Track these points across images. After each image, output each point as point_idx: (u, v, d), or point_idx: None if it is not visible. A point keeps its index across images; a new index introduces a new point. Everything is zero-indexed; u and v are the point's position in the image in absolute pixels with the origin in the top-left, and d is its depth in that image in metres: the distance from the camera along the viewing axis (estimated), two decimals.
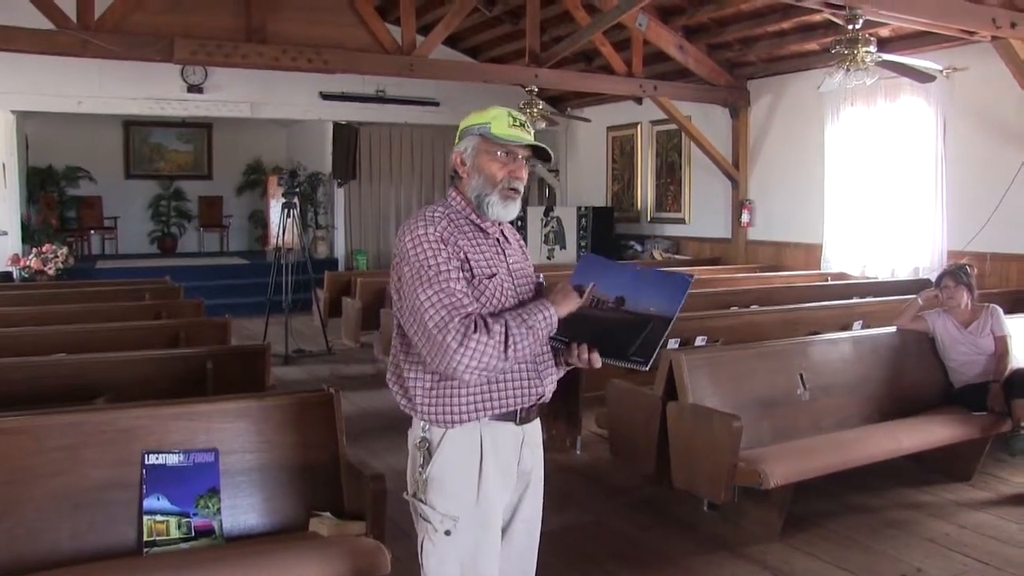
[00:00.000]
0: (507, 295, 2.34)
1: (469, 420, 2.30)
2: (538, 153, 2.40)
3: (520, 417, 2.38)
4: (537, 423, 2.48)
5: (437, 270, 2.21)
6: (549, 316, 2.27)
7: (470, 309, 2.20)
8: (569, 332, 2.34)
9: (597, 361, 2.34)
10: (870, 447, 4.55)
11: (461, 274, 2.25)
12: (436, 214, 2.32)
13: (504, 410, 2.34)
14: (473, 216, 2.38)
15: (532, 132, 2.39)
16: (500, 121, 2.34)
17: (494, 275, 2.32)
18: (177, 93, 11.91)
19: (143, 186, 16.18)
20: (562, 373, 2.52)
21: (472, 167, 2.37)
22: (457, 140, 2.41)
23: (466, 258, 2.28)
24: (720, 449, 4.16)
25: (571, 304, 2.30)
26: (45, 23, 7.53)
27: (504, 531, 2.43)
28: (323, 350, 9.37)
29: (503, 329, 2.19)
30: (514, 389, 2.33)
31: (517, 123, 2.35)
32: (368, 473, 3.30)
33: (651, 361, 2.29)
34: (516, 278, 2.41)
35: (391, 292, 2.37)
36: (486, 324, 2.18)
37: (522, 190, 2.39)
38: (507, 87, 11.35)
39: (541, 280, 2.50)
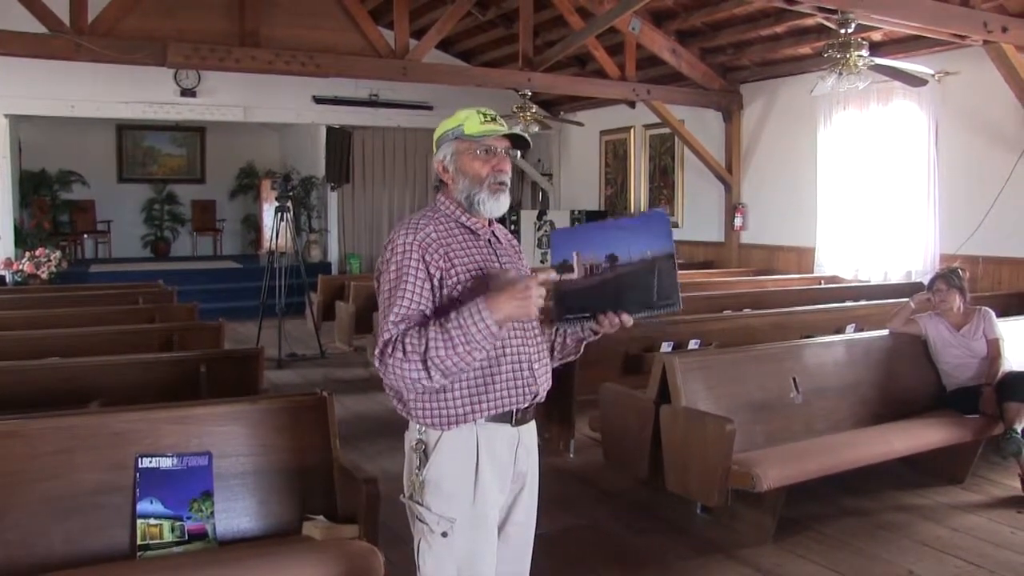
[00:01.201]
0: None
1: (464, 421, 2.30)
2: (517, 143, 2.41)
3: (516, 418, 2.39)
4: (532, 425, 2.48)
5: (401, 283, 2.23)
6: (482, 325, 2.11)
7: (406, 325, 2.19)
8: (584, 306, 2.29)
9: (629, 320, 2.28)
10: (863, 450, 4.56)
11: (429, 285, 2.25)
12: (422, 221, 2.33)
13: (498, 411, 2.34)
14: (463, 218, 2.38)
15: (504, 124, 2.40)
16: (471, 120, 2.35)
17: (483, 276, 2.32)
18: (170, 97, 11.91)
19: (136, 190, 16.17)
20: (571, 357, 2.54)
21: (456, 171, 2.38)
22: (435, 150, 2.43)
23: (451, 263, 2.29)
24: (713, 452, 4.17)
25: (517, 310, 2.13)
26: (38, 27, 7.52)
27: (499, 533, 2.43)
28: (316, 354, 9.37)
29: (421, 345, 2.14)
30: (507, 389, 2.33)
31: (488, 118, 2.36)
32: (361, 476, 3.31)
33: (679, 298, 2.24)
34: None
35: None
36: (403, 341, 2.16)
37: (508, 182, 2.40)
38: (500, 91, 11.35)
39: None
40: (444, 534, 2.31)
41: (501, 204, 2.39)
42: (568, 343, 2.54)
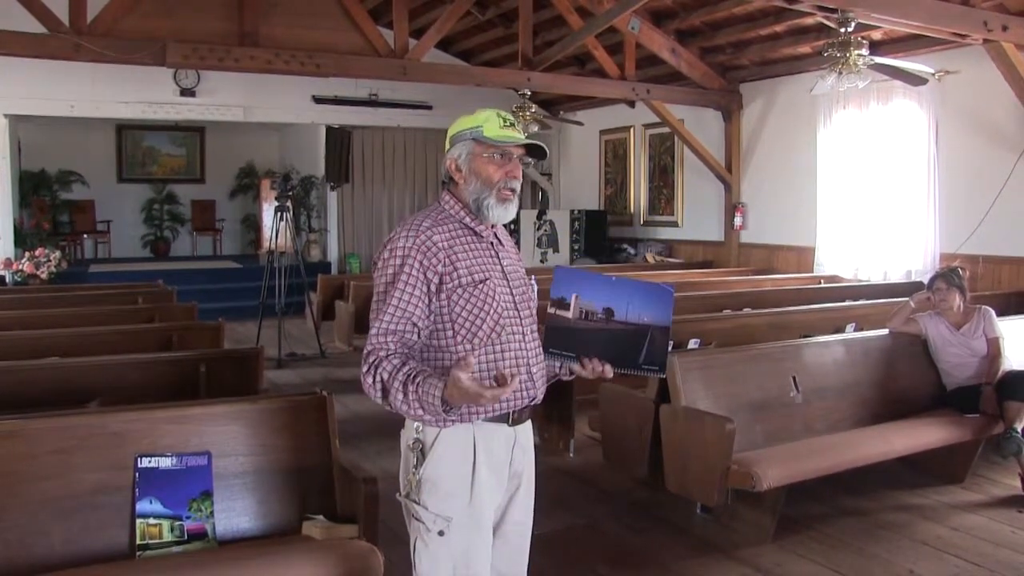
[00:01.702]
0: (502, 299, 2.35)
1: (462, 422, 2.30)
2: (532, 150, 2.40)
3: (512, 418, 2.39)
4: (528, 425, 2.48)
5: (395, 290, 2.26)
6: (435, 402, 2.09)
7: (393, 343, 2.24)
8: (571, 346, 2.30)
9: (609, 372, 2.30)
10: (863, 449, 4.56)
11: (424, 292, 2.26)
12: (425, 223, 2.33)
13: (497, 412, 2.34)
14: (467, 219, 2.38)
15: (522, 130, 2.40)
16: (491, 123, 2.34)
17: (486, 280, 2.32)
18: (170, 97, 11.91)
19: (136, 190, 16.16)
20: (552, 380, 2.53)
21: (468, 172, 2.37)
22: (448, 146, 2.41)
23: (453, 267, 2.29)
24: (713, 452, 4.17)
25: (466, 399, 2.06)
26: (38, 27, 7.52)
27: (495, 533, 2.43)
28: (316, 353, 9.37)
29: (388, 382, 2.18)
30: None
31: (508, 123, 2.36)
32: (361, 476, 3.31)
33: (664, 367, 2.31)
34: (512, 280, 2.41)
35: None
36: (376, 367, 2.21)
37: (518, 189, 2.40)
38: (500, 90, 11.36)
39: (534, 283, 2.51)
40: (440, 533, 2.31)
41: (508, 211, 2.39)
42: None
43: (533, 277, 2.53)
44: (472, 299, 2.29)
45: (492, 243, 2.42)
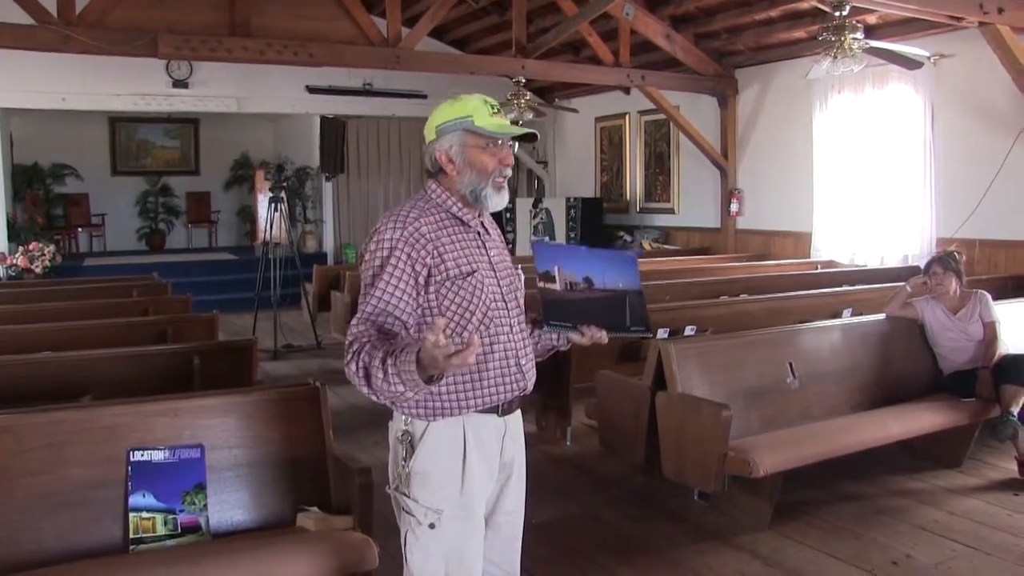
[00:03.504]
0: (490, 291, 2.32)
1: (452, 415, 2.28)
2: (524, 136, 2.36)
3: (502, 409, 2.37)
4: (518, 415, 2.47)
5: (380, 280, 2.21)
6: (411, 368, 1.98)
7: (375, 332, 2.18)
8: (567, 316, 2.37)
9: (605, 338, 2.38)
10: (860, 435, 4.55)
11: (411, 283, 2.22)
12: (412, 213, 2.29)
13: (487, 405, 2.32)
14: (455, 208, 2.34)
15: (507, 118, 2.37)
16: (480, 112, 2.30)
17: (473, 272, 2.29)
18: (162, 89, 11.83)
19: (130, 183, 16.12)
20: (545, 357, 2.55)
21: (463, 163, 2.32)
22: (434, 137, 2.35)
23: (441, 259, 2.25)
24: (710, 438, 4.15)
25: (434, 364, 1.95)
26: (26, 18, 7.46)
27: (487, 524, 2.41)
28: (312, 344, 9.35)
29: (370, 367, 2.08)
30: (495, 384, 2.32)
31: (496, 110, 2.33)
32: (355, 467, 3.28)
33: (651, 327, 2.41)
34: (499, 271, 2.39)
35: None
36: (358, 353, 2.13)
37: (510, 175, 2.38)
38: (494, 78, 11.31)
39: (520, 273, 2.49)
40: (432, 526, 2.28)
41: (504, 198, 2.37)
42: (538, 347, 2.53)
43: (520, 267, 2.51)
44: (460, 292, 2.26)
45: (479, 232, 2.38)
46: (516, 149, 2.41)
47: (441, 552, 2.30)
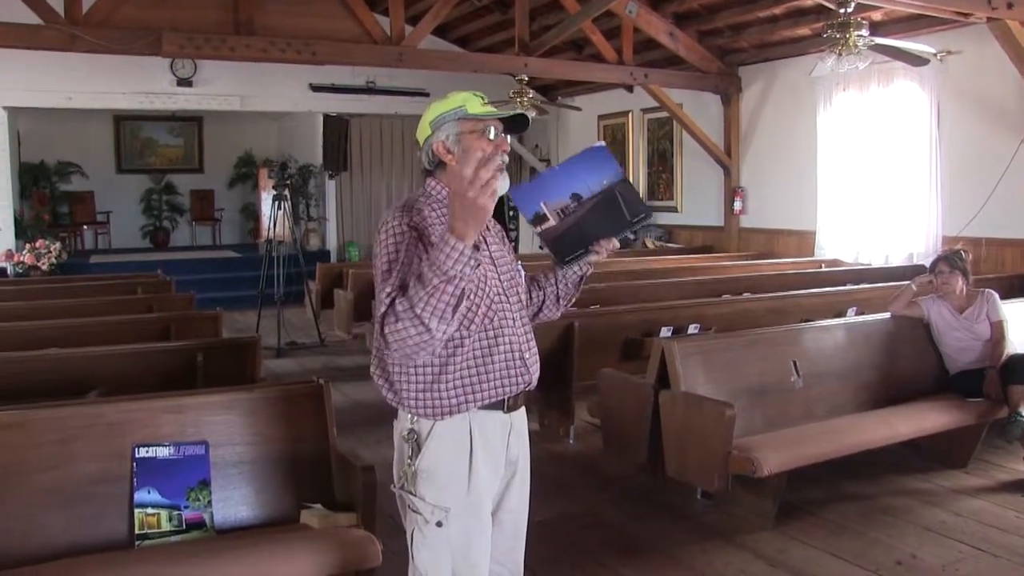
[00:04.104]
0: (492, 284, 2.32)
1: (458, 412, 2.28)
2: (517, 125, 2.38)
3: (508, 405, 2.37)
4: (523, 411, 2.46)
5: (397, 257, 2.18)
6: (454, 252, 1.97)
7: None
8: (577, 244, 2.40)
9: (616, 244, 2.45)
10: (864, 434, 4.54)
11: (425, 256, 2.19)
12: (416, 206, 2.30)
13: (491, 400, 2.32)
14: None
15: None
16: (472, 102, 2.32)
17: (477, 264, 2.28)
18: (167, 87, 11.89)
19: (135, 180, 16.16)
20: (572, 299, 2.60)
21: (461, 151, 2.32)
22: (429, 132, 2.36)
23: None
24: (713, 437, 4.15)
25: (474, 215, 1.98)
26: (33, 18, 7.49)
27: (492, 520, 2.41)
28: (316, 342, 9.36)
29: (408, 301, 2.02)
30: (500, 379, 2.31)
31: (486, 102, 2.35)
32: (359, 464, 3.29)
33: (648, 208, 2.50)
34: (499, 267, 2.39)
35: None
36: (394, 309, 2.05)
37: (507, 161, 2.37)
38: (497, 76, 11.31)
39: (520, 268, 2.48)
40: (439, 524, 2.28)
41: (504, 184, 2.35)
42: (569, 286, 2.57)
43: (519, 263, 2.51)
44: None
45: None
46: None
47: (448, 550, 2.30)
